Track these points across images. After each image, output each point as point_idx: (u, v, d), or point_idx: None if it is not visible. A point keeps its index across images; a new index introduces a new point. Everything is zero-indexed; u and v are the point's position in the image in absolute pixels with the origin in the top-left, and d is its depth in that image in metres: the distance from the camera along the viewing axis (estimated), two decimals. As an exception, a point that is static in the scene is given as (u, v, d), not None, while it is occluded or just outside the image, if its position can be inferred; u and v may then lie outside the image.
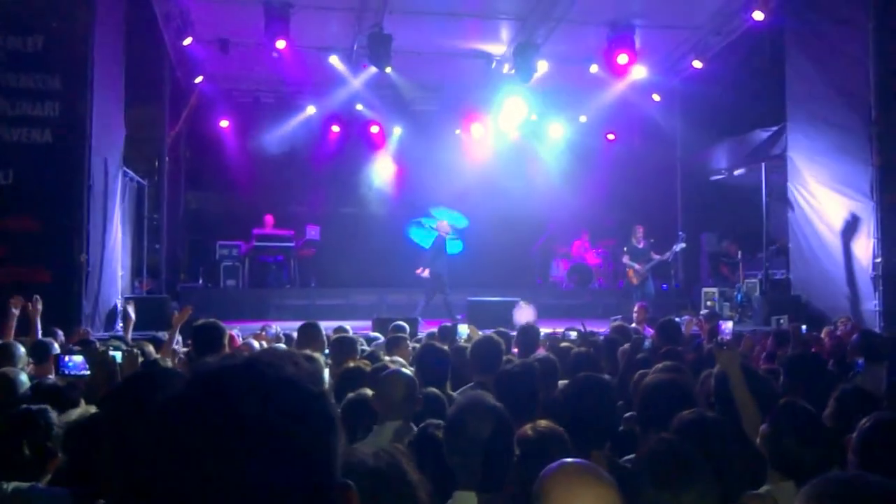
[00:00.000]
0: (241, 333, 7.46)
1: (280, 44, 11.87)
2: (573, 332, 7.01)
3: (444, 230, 13.13)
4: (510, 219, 16.09)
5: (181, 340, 6.27)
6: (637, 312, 9.83)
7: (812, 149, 11.71)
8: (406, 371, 3.86)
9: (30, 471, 2.82)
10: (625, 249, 13.41)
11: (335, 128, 16.37)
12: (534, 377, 3.78)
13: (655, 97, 15.48)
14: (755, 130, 14.02)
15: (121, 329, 8.88)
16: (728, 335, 6.92)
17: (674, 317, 8.05)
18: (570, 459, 1.96)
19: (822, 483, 1.66)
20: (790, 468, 2.73)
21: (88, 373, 4.38)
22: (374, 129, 16.69)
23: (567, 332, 7.18)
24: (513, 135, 16.48)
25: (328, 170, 16.36)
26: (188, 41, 12.45)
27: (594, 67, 14.18)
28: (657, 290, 13.78)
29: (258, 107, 15.77)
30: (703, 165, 15.61)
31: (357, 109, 16.12)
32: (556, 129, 16.85)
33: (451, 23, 12.81)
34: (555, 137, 16.93)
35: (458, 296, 12.43)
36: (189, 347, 5.19)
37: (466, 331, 7.26)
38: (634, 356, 5.12)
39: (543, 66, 13.48)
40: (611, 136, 17.22)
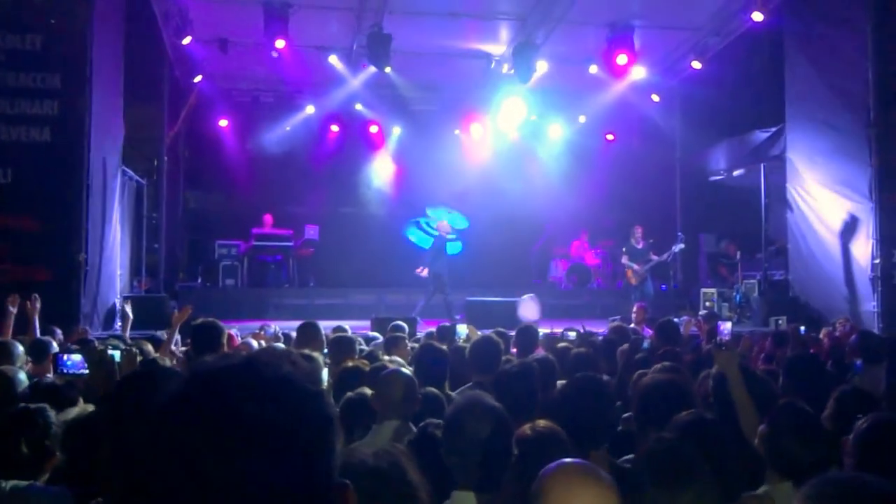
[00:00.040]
0: (240, 333, 7.45)
1: (279, 43, 11.87)
2: (572, 333, 7.02)
3: (445, 230, 13.13)
4: (509, 219, 16.08)
5: (180, 340, 6.26)
6: (636, 313, 9.86)
7: (811, 150, 11.72)
8: (405, 371, 3.86)
9: (28, 469, 2.83)
10: (623, 250, 13.41)
11: (334, 127, 16.35)
12: (532, 377, 3.78)
13: (655, 98, 15.48)
14: (754, 131, 14.02)
15: (119, 328, 8.87)
16: (727, 336, 6.91)
17: (672, 317, 8.07)
18: (569, 459, 1.96)
19: (821, 483, 1.66)
20: (788, 469, 2.73)
21: (87, 372, 4.36)
22: (374, 129, 16.68)
23: (566, 333, 7.19)
24: (512, 135, 16.47)
25: (327, 169, 16.34)
26: (187, 40, 12.43)
27: (593, 68, 14.19)
28: (656, 291, 13.79)
29: (257, 106, 15.75)
30: (702, 166, 15.61)
31: (356, 109, 16.11)
32: (556, 130, 16.85)
33: (451, 23, 12.80)
34: (554, 138, 16.93)
35: (457, 296, 12.43)
36: (188, 346, 5.19)
37: (465, 331, 7.27)
38: (633, 356, 5.12)
39: (543, 67, 13.48)
40: (610, 137, 17.22)
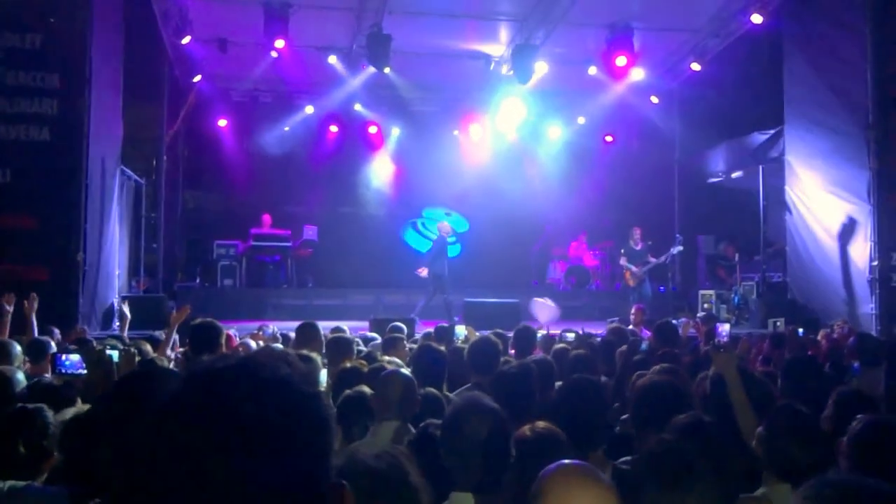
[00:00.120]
0: (238, 333, 7.46)
1: (279, 43, 11.88)
2: (570, 334, 7.02)
3: (446, 231, 13.12)
4: (508, 220, 16.07)
5: (178, 340, 6.26)
6: (634, 314, 9.88)
7: (809, 152, 11.73)
8: (405, 371, 3.86)
9: (26, 469, 2.82)
10: (622, 251, 13.41)
11: (333, 128, 16.34)
12: (531, 378, 3.78)
13: (654, 99, 15.48)
14: (753, 133, 14.02)
15: (117, 328, 8.87)
16: (725, 337, 6.92)
17: (671, 319, 8.07)
18: (569, 461, 1.96)
19: (819, 485, 1.66)
20: (786, 471, 2.73)
21: (85, 372, 4.36)
22: (373, 130, 16.67)
23: (564, 334, 7.20)
24: (511, 136, 16.47)
25: (326, 170, 16.33)
26: (187, 40, 12.42)
27: (593, 69, 14.19)
28: (654, 292, 13.80)
29: (256, 106, 15.75)
30: (701, 168, 15.62)
31: (355, 109, 16.10)
32: (555, 131, 16.85)
33: (450, 23, 12.81)
34: (553, 139, 16.93)
35: (456, 296, 12.41)
36: (186, 347, 5.19)
37: (464, 332, 7.28)
38: (631, 358, 5.13)
39: (542, 68, 13.49)
40: (609, 138, 17.23)
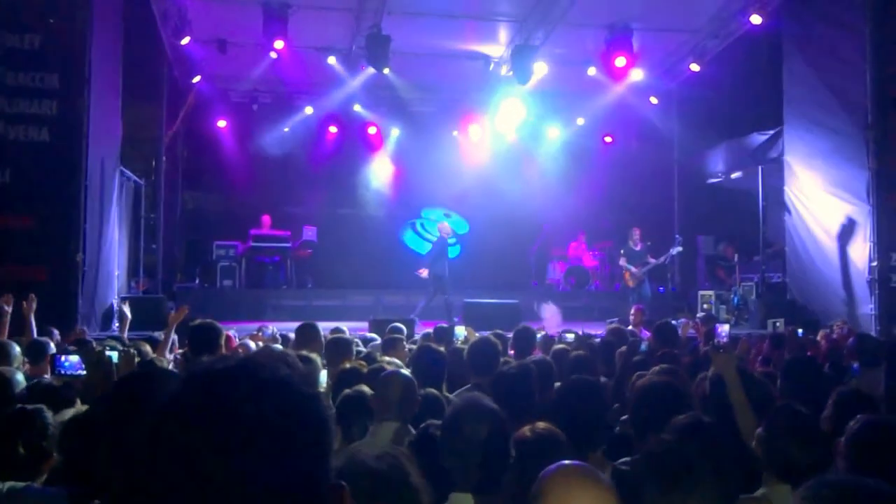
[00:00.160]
0: (238, 334, 7.46)
1: (278, 44, 11.88)
2: (570, 335, 7.02)
3: (447, 232, 13.12)
4: (507, 220, 16.07)
5: (177, 340, 6.25)
6: (633, 315, 9.87)
7: (809, 152, 11.73)
8: (405, 372, 3.86)
9: (25, 470, 2.82)
10: (621, 252, 13.40)
11: (333, 128, 16.34)
12: (531, 379, 3.78)
13: (653, 100, 15.47)
14: (752, 134, 14.02)
15: (117, 329, 8.86)
16: (724, 338, 6.92)
17: (670, 319, 8.06)
18: (569, 461, 1.96)
19: (818, 486, 1.66)
20: (786, 471, 2.72)
21: (84, 373, 4.35)
22: (372, 130, 16.68)
23: (564, 335, 7.20)
24: (510, 136, 16.47)
25: (326, 170, 16.33)
26: (186, 41, 12.42)
27: (592, 70, 14.20)
28: (653, 293, 13.79)
29: (256, 107, 15.73)
30: (700, 168, 15.63)
31: (355, 110, 16.10)
32: (554, 131, 16.87)
33: (450, 24, 12.81)
34: (552, 139, 16.94)
35: (455, 297, 12.39)
36: (185, 348, 5.18)
37: (463, 332, 7.27)
38: (631, 359, 5.13)
39: (541, 68, 13.49)
40: (608, 139, 17.24)
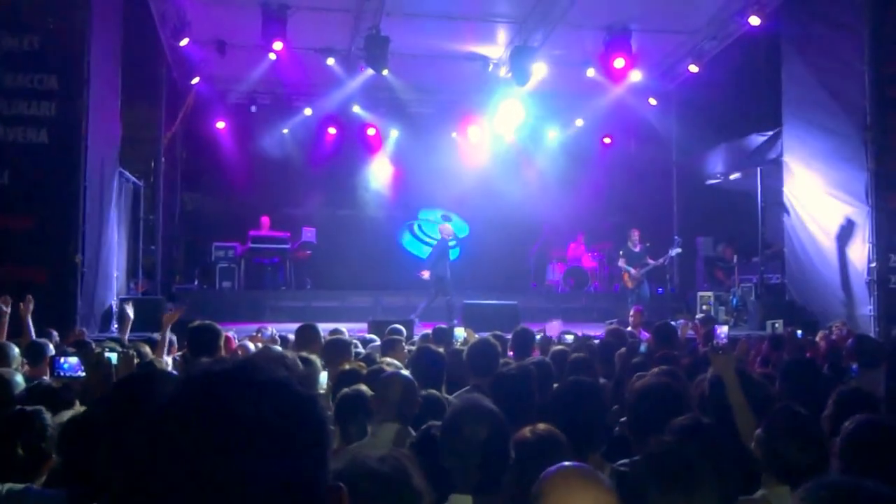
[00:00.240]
0: (237, 335, 7.44)
1: (277, 45, 11.88)
2: (569, 336, 7.03)
3: (448, 234, 13.12)
4: (506, 222, 16.08)
5: (176, 341, 6.25)
6: (633, 316, 9.87)
7: (808, 153, 11.74)
8: (405, 373, 3.86)
9: (24, 472, 2.82)
10: (620, 253, 13.40)
11: (332, 130, 16.36)
12: (530, 380, 3.78)
13: (652, 101, 15.49)
14: (751, 135, 14.02)
15: (116, 330, 8.85)
16: (723, 339, 6.92)
17: (669, 321, 8.07)
18: (569, 463, 1.96)
19: (817, 487, 1.66)
20: (785, 472, 2.72)
21: (83, 374, 4.35)
22: (371, 132, 16.70)
23: (563, 336, 7.21)
24: (509, 138, 16.49)
25: (324, 172, 16.34)
26: (185, 42, 12.40)
27: (591, 71, 14.21)
28: (652, 294, 13.79)
29: (255, 108, 15.73)
30: (699, 169, 15.63)
31: (354, 111, 16.11)
32: (553, 133, 16.88)
33: (449, 25, 12.81)
34: (551, 140, 16.95)
35: (455, 298, 12.39)
36: (185, 349, 5.18)
37: (463, 334, 7.28)
38: (630, 360, 5.13)
39: (540, 70, 13.49)
40: (607, 140, 17.26)
